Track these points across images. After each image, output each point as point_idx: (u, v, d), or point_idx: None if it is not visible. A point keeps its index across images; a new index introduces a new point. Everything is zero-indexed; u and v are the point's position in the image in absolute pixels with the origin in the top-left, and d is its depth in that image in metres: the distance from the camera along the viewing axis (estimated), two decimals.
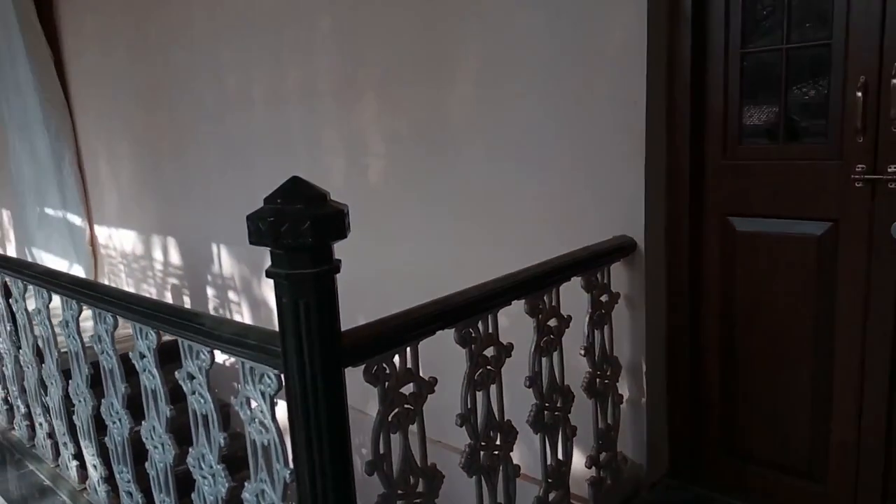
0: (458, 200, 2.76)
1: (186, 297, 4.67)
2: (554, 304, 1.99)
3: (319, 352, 1.26)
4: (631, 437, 2.36)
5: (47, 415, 2.86)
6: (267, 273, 1.26)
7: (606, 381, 2.22)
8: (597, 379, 2.18)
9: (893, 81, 1.86)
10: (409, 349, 1.56)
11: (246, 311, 4.08)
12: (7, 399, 3.33)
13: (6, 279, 2.90)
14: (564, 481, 2.09)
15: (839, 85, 1.98)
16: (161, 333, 1.89)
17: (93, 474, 2.58)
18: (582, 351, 2.13)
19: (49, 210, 5.67)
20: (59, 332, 2.49)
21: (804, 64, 2.11)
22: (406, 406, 1.55)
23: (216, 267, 4.25)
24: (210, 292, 4.39)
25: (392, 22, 2.87)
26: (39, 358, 2.79)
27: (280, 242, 1.19)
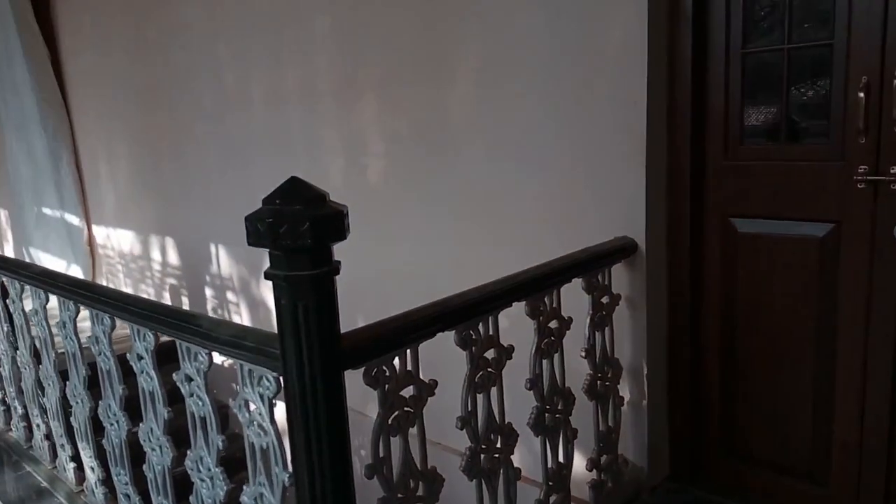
0: (458, 201, 2.75)
1: (185, 298, 4.65)
2: (555, 306, 1.98)
3: (319, 354, 1.24)
4: (632, 440, 2.35)
5: (44, 416, 2.85)
6: (265, 275, 1.24)
7: (607, 384, 2.21)
8: (598, 381, 2.16)
9: None
10: (410, 351, 1.55)
11: (245, 312, 4.07)
12: (4, 400, 3.32)
13: (3, 280, 2.89)
14: (565, 484, 2.08)
15: (841, 85, 1.97)
16: (159, 334, 1.88)
17: (90, 476, 2.57)
18: (583, 353, 2.12)
19: (47, 210, 5.65)
20: (57, 333, 2.47)
21: (806, 64, 2.10)
22: (406, 409, 1.54)
23: (215, 267, 4.23)
24: (209, 293, 4.38)
25: (392, 22, 2.86)
26: (37, 359, 2.78)
27: (279, 244, 1.18)
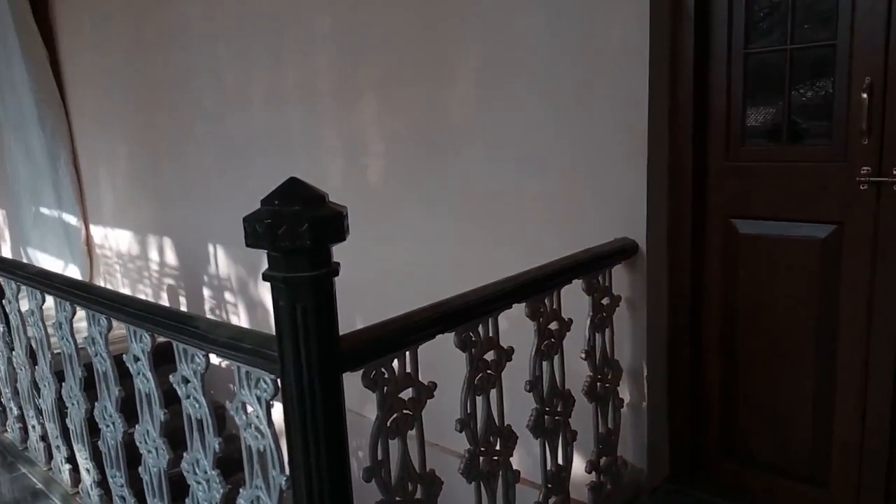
0: (458, 201, 2.74)
1: (182, 298, 4.64)
2: (555, 307, 1.97)
3: (317, 357, 1.23)
4: (631, 441, 2.34)
5: (40, 417, 2.83)
6: (264, 276, 1.23)
7: (607, 385, 2.20)
8: (598, 383, 2.15)
9: None
10: (409, 353, 1.53)
11: (243, 313, 4.05)
12: (0, 401, 3.29)
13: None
14: (564, 486, 2.07)
15: (844, 86, 1.96)
16: (156, 335, 1.86)
17: (86, 478, 2.55)
18: (583, 354, 2.11)
19: (44, 210, 5.64)
20: (53, 334, 2.45)
21: (808, 64, 2.09)
22: (405, 411, 1.52)
23: (213, 268, 4.22)
24: (206, 293, 4.36)
25: (391, 22, 2.85)
26: (32, 360, 2.76)
27: (277, 245, 1.16)
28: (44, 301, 2.53)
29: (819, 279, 2.09)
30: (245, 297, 4.00)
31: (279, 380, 1.31)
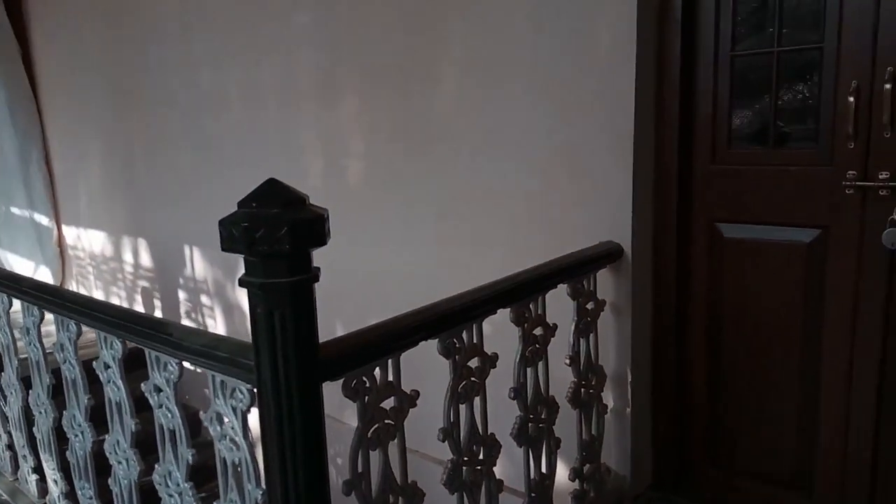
0: (441, 203, 2.69)
1: (157, 301, 4.53)
2: (540, 313, 1.93)
3: (296, 366, 1.17)
4: (615, 448, 2.31)
5: (6, 426, 2.73)
6: (240, 282, 1.17)
7: (591, 391, 2.17)
8: (582, 389, 2.12)
9: (886, 87, 1.83)
10: (391, 361, 1.48)
11: (219, 317, 3.96)
12: None
13: None
14: (548, 494, 2.03)
15: (830, 89, 1.95)
16: (127, 342, 1.79)
17: (53, 489, 2.46)
18: (567, 360, 2.07)
19: (15, 210, 5.50)
20: (20, 338, 2.37)
21: (795, 68, 2.07)
22: (386, 421, 1.47)
23: (189, 270, 4.13)
24: (182, 296, 4.26)
25: (373, 18, 2.80)
26: None
27: (254, 249, 1.10)
28: (10, 305, 2.45)
29: (804, 284, 2.08)
30: (222, 301, 3.91)
31: (255, 389, 1.25)
